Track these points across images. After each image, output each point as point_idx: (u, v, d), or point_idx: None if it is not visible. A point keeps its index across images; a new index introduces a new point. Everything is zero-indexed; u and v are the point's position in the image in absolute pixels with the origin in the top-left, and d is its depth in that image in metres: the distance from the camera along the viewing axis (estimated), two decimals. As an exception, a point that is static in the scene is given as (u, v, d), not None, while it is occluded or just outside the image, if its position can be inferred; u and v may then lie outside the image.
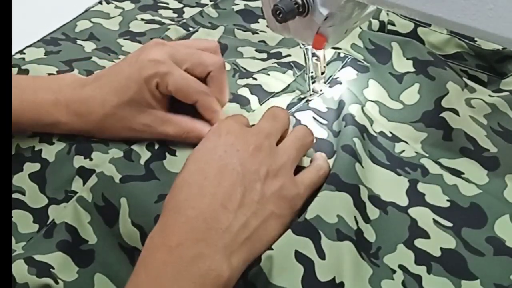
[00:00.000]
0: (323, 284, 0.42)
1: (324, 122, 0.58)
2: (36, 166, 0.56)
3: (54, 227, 0.51)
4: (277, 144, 0.50)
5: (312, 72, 0.60)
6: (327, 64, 0.65)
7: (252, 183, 0.45)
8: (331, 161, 0.52)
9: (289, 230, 0.45)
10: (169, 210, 0.45)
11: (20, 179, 0.55)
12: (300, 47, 0.59)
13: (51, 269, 0.47)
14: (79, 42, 0.74)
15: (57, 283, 0.46)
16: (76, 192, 0.53)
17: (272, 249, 0.44)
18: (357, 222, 0.46)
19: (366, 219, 0.48)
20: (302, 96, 0.61)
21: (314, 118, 0.58)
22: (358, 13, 0.53)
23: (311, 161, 0.52)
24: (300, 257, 0.44)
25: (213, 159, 0.46)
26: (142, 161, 0.54)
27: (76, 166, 0.54)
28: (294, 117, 0.58)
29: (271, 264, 0.43)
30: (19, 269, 0.46)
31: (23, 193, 0.54)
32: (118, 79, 0.55)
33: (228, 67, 0.64)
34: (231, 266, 0.42)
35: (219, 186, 0.44)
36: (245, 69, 0.66)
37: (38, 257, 0.48)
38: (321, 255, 0.44)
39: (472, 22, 0.41)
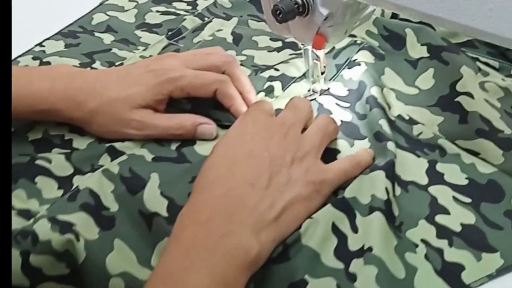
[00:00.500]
0: (353, 253, 0.45)
1: (346, 105, 0.60)
2: (65, 129, 0.58)
3: (78, 193, 0.51)
4: (302, 132, 0.52)
5: (312, 72, 0.60)
6: (344, 49, 0.67)
7: (279, 167, 0.47)
8: (360, 143, 0.55)
9: (329, 204, 0.48)
10: (198, 190, 0.46)
11: (48, 152, 0.57)
12: (300, 47, 0.61)
13: (73, 227, 0.48)
14: (97, 34, 0.76)
15: (78, 240, 0.47)
16: (102, 166, 0.55)
17: (312, 218, 0.46)
18: (388, 193, 0.48)
19: (394, 193, 0.50)
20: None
21: (336, 104, 0.60)
22: (358, 13, 0.54)
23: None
24: (335, 229, 0.47)
25: (240, 145, 0.48)
26: (173, 147, 0.56)
27: (106, 145, 0.56)
28: (317, 101, 0.60)
29: (308, 230, 0.46)
30: (42, 227, 0.47)
31: (49, 161, 0.55)
32: (123, 77, 0.57)
33: (247, 71, 0.66)
34: (260, 243, 0.43)
35: (247, 168, 0.46)
36: (264, 65, 0.68)
37: (61, 217, 0.48)
38: (354, 229, 0.47)
39: (472, 22, 0.41)
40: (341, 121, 0.57)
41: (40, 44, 0.74)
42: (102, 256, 0.47)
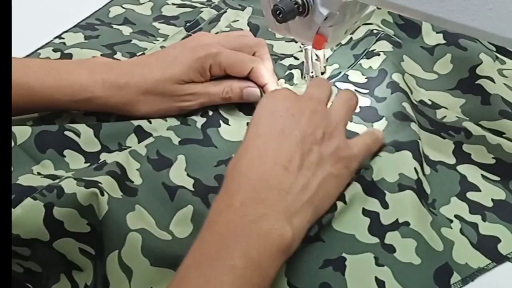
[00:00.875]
0: (386, 226, 0.47)
1: (365, 91, 0.61)
2: (93, 119, 0.59)
3: (105, 165, 0.52)
4: None
5: (312, 72, 0.61)
6: (361, 40, 0.68)
7: (310, 146, 0.47)
8: (377, 124, 0.56)
9: (360, 188, 0.49)
10: (232, 175, 0.47)
11: (76, 123, 0.57)
12: (300, 47, 0.62)
13: (99, 184, 0.49)
14: (115, 26, 0.77)
15: (102, 194, 0.47)
16: (129, 147, 0.56)
17: (346, 203, 0.48)
18: (417, 173, 0.50)
19: (424, 172, 0.52)
20: (340, 70, 0.65)
21: (355, 90, 0.61)
22: (358, 13, 0.54)
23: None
24: (366, 212, 0.48)
25: (271, 124, 0.48)
26: (198, 125, 0.58)
27: (135, 124, 0.57)
28: (336, 86, 0.61)
29: (340, 216, 0.47)
30: (68, 183, 0.48)
31: (78, 135, 0.55)
32: (164, 59, 0.59)
33: None
34: (294, 227, 0.43)
35: (279, 149, 0.46)
36: (283, 54, 0.70)
37: (87, 178, 0.49)
38: (385, 206, 0.48)
39: (472, 22, 0.41)
40: (360, 107, 0.58)
41: (59, 37, 0.75)
42: (123, 212, 0.48)
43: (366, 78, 0.63)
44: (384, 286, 0.43)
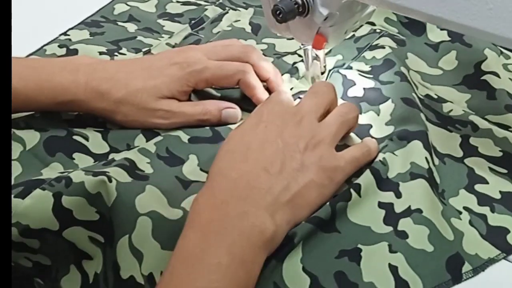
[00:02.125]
0: (399, 214, 0.47)
1: (370, 76, 0.61)
2: (101, 126, 0.59)
3: (114, 161, 0.52)
4: (324, 117, 0.52)
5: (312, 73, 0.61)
6: (364, 36, 0.69)
7: (292, 153, 0.48)
8: (383, 106, 0.57)
9: (375, 184, 0.49)
10: (213, 174, 0.47)
11: (84, 129, 0.57)
12: (300, 47, 0.62)
13: (107, 173, 0.49)
14: (120, 23, 0.77)
15: (110, 181, 0.48)
16: (138, 146, 0.56)
17: (360, 196, 0.48)
18: (428, 162, 0.50)
19: (434, 162, 0.52)
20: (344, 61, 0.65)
21: (359, 74, 0.62)
22: (358, 13, 0.54)
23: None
24: (382, 205, 0.48)
25: (255, 133, 0.49)
26: (207, 126, 0.57)
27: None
28: (340, 73, 0.62)
29: (355, 208, 0.48)
30: (76, 174, 0.48)
31: (86, 139, 0.56)
32: (147, 68, 0.58)
33: (270, 59, 0.66)
34: (275, 223, 0.44)
35: (261, 154, 0.47)
36: (286, 52, 0.70)
37: (96, 170, 0.50)
38: (398, 196, 0.48)
39: (472, 22, 0.42)
40: (364, 88, 0.59)
41: (64, 34, 0.75)
42: (132, 195, 0.48)
43: (370, 67, 0.63)
44: (397, 271, 0.44)
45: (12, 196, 0.46)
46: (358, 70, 0.63)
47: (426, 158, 0.50)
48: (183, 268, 0.41)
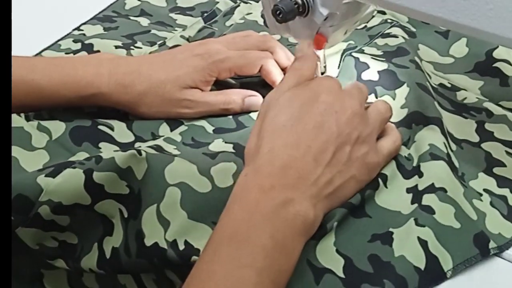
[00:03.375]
0: (422, 191, 0.48)
1: (382, 59, 0.63)
2: (124, 118, 0.60)
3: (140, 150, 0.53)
4: None
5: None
6: (377, 25, 0.70)
7: (343, 145, 0.48)
8: (399, 91, 0.58)
9: (401, 177, 0.51)
10: (263, 153, 0.47)
11: (108, 120, 0.58)
12: None
13: (137, 148, 0.50)
14: (132, 18, 0.77)
15: (140, 154, 0.49)
16: (163, 136, 0.57)
17: (386, 187, 0.50)
18: (446, 147, 0.52)
19: (451, 148, 0.54)
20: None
21: (372, 58, 0.63)
22: (358, 13, 0.54)
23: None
24: (409, 189, 0.50)
25: (313, 112, 0.49)
26: (230, 116, 0.59)
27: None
28: (352, 56, 0.63)
29: (384, 195, 0.50)
30: (106, 153, 0.49)
31: (112, 129, 0.57)
32: (169, 61, 0.59)
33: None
34: (316, 214, 0.46)
35: (314, 140, 0.47)
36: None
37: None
38: (420, 176, 0.50)
39: (472, 22, 0.42)
40: (378, 71, 0.60)
41: (77, 29, 0.75)
42: (162, 166, 0.49)
43: (382, 52, 0.64)
44: (427, 246, 0.45)
45: (43, 175, 0.47)
46: (370, 54, 0.64)
47: (444, 143, 0.52)
48: (229, 244, 0.42)
